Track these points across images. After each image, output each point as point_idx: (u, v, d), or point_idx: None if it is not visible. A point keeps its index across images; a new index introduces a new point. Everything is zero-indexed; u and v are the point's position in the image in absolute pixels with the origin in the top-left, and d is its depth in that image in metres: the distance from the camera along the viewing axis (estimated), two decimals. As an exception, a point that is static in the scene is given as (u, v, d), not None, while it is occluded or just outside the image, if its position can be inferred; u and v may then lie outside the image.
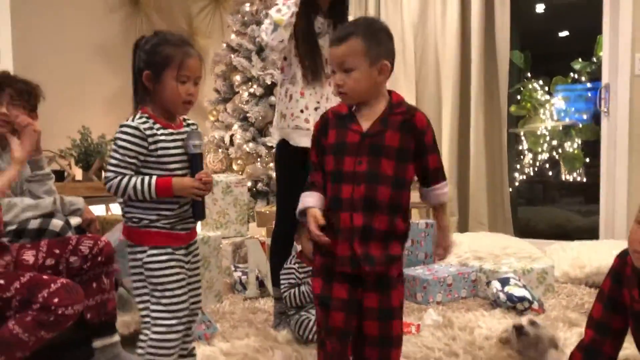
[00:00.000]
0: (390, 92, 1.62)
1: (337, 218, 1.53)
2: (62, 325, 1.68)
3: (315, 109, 2.34)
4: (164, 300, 1.65)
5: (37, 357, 1.73)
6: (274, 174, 3.67)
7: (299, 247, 2.44)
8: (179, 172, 1.68)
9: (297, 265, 2.41)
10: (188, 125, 1.76)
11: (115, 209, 3.82)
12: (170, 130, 1.68)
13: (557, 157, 4.67)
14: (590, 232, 3.94)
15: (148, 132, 1.64)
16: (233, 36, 4.08)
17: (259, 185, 3.90)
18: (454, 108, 4.47)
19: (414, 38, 4.64)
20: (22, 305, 1.65)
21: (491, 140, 4.45)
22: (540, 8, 5.10)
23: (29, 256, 1.91)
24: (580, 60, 4.68)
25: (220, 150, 4.01)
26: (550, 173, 4.85)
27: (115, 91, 4.18)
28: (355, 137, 1.54)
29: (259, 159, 3.93)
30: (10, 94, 2.33)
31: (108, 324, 1.97)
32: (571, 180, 4.73)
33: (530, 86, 4.60)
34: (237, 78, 3.96)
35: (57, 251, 1.93)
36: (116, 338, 1.99)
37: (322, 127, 1.62)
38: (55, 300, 1.64)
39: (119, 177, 1.62)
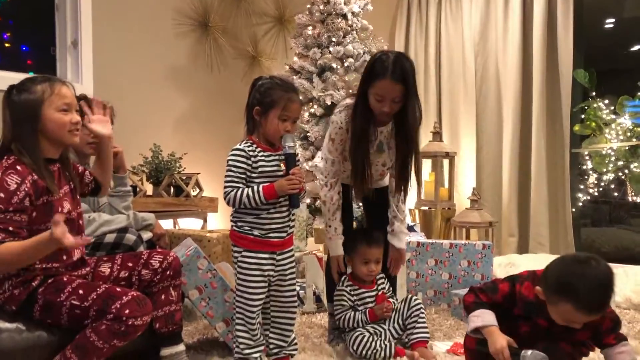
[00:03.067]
0: None
1: None
2: (132, 334, 1.80)
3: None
4: (245, 295, 2.08)
5: (111, 363, 1.88)
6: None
7: (349, 270, 2.51)
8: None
9: (348, 287, 2.46)
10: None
11: (183, 223, 4.00)
12: (269, 153, 2.09)
13: (623, 177, 4.53)
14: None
15: (251, 154, 2.06)
16: (295, 58, 4.21)
17: (318, 202, 4.00)
18: (514, 127, 4.45)
19: (475, 57, 4.65)
20: (98, 315, 1.78)
21: (553, 160, 4.39)
22: (608, 23, 4.99)
23: (105, 268, 2.05)
24: (649, 77, 4.54)
25: (281, 167, 4.15)
26: (616, 194, 4.71)
27: (184, 111, 4.40)
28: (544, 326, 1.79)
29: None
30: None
31: (175, 333, 2.08)
32: (638, 201, 4.57)
33: (595, 105, 4.49)
34: (299, 98, 4.09)
35: (130, 264, 2.06)
36: (182, 347, 2.09)
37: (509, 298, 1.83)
38: (127, 311, 1.76)
39: (234, 190, 2.02)
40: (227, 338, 2.35)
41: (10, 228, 1.75)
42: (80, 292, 1.83)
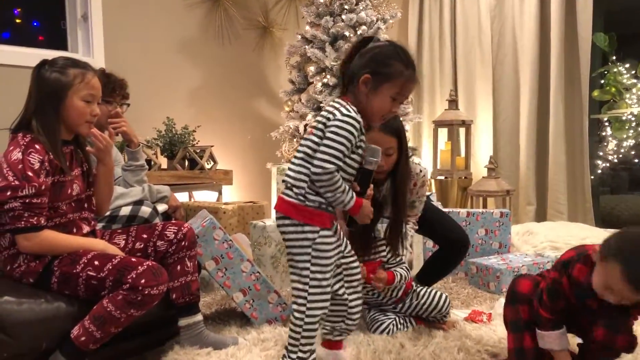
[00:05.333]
0: None
1: None
2: (149, 304, 1.80)
3: None
4: (319, 281, 1.71)
5: (129, 333, 1.88)
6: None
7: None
8: (350, 177, 1.75)
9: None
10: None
11: (198, 196, 4.00)
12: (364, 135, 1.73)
13: (643, 143, 4.45)
14: (679, 222, 3.74)
15: (361, 130, 1.68)
16: (307, 27, 4.14)
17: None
18: (532, 94, 4.36)
19: (491, 22, 4.55)
20: (114, 285, 1.79)
21: (571, 126, 4.31)
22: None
23: (120, 240, 2.06)
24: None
25: (294, 139, 4.11)
26: (636, 160, 4.62)
27: (196, 83, 4.37)
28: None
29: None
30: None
31: (192, 304, 2.08)
32: (659, 167, 4.50)
33: (615, 70, 4.38)
34: (311, 69, 4.02)
35: (145, 236, 2.07)
36: (199, 317, 2.09)
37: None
38: (142, 281, 1.76)
39: (338, 176, 1.65)
40: (245, 308, 2.36)
41: (45, 213, 1.81)
42: (96, 263, 1.83)
